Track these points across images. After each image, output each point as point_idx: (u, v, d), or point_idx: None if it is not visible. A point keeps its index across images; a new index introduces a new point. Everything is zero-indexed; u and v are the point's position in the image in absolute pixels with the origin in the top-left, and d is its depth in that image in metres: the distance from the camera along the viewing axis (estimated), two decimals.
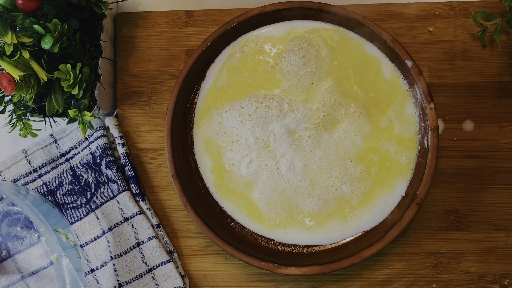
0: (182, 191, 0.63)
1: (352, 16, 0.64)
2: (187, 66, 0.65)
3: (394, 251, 0.66)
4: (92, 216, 0.68)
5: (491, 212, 0.66)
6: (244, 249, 0.63)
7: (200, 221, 0.63)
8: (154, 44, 0.70)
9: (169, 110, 0.64)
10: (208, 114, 0.67)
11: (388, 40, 0.63)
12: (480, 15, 0.66)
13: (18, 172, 0.69)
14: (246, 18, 0.65)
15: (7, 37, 0.54)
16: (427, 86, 0.62)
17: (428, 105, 0.61)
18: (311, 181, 0.64)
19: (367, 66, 0.65)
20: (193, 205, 0.63)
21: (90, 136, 0.69)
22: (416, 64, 0.62)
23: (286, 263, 0.62)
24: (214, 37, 0.65)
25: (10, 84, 0.56)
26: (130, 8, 0.72)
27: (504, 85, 0.67)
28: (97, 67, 0.64)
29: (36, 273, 0.67)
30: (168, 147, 0.64)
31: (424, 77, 0.62)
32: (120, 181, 0.67)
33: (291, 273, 0.61)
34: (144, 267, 0.66)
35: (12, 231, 0.68)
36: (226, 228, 0.65)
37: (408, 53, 0.62)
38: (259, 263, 0.61)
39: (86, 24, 0.65)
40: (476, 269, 0.65)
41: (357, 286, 0.66)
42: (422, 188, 0.61)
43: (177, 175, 0.64)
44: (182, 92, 0.65)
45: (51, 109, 0.61)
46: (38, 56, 0.60)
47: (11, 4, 0.55)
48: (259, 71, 0.66)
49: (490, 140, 0.66)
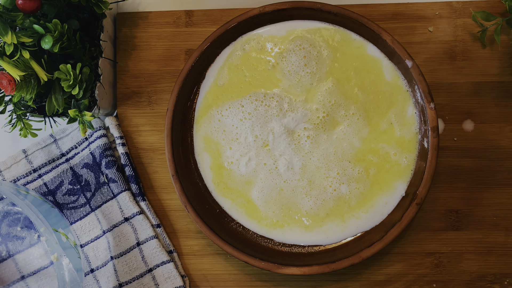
0: (182, 191, 0.63)
1: (352, 16, 0.64)
2: (187, 66, 0.65)
3: (394, 251, 0.66)
4: (92, 216, 0.68)
5: (491, 212, 0.66)
6: (244, 249, 0.63)
7: (200, 221, 0.63)
8: (154, 44, 0.70)
9: (169, 110, 0.64)
10: (208, 112, 0.67)
11: (388, 40, 0.63)
12: (480, 15, 0.66)
13: (18, 172, 0.69)
14: (246, 18, 0.65)
15: (7, 37, 0.54)
16: (427, 86, 0.62)
17: (428, 105, 0.61)
18: (309, 180, 0.64)
19: (368, 68, 0.65)
20: (193, 205, 0.63)
21: (90, 136, 0.69)
22: (416, 64, 0.62)
23: (286, 263, 0.62)
24: (214, 37, 0.65)
25: (10, 84, 0.56)
26: (130, 8, 0.72)
27: (504, 85, 0.67)
28: (97, 67, 0.64)
29: (36, 273, 0.67)
30: (168, 147, 0.64)
31: (424, 77, 0.62)
32: (120, 181, 0.67)
33: (291, 273, 0.61)
34: (144, 267, 0.66)
35: (12, 231, 0.68)
36: (226, 228, 0.65)
37: (408, 53, 0.62)
38: (259, 263, 0.61)
39: (86, 24, 0.65)
40: (476, 269, 0.65)
41: (357, 286, 0.66)
42: (422, 188, 0.61)
43: (177, 175, 0.64)
44: (182, 92, 0.65)
45: (51, 109, 0.61)
46: (38, 56, 0.60)
47: (11, 4, 0.55)
48: (260, 69, 0.66)
49: (490, 140, 0.66)
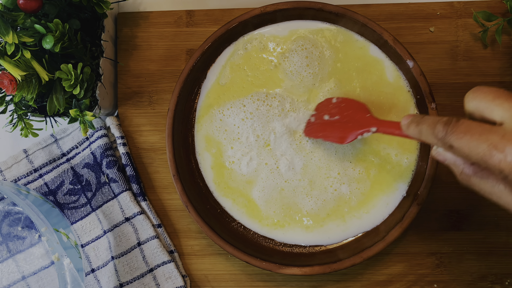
0: (183, 191, 0.63)
1: (353, 16, 0.64)
2: (188, 66, 0.65)
3: (395, 251, 0.66)
4: (93, 216, 0.67)
5: (492, 212, 0.66)
6: (246, 249, 0.63)
7: (201, 221, 0.62)
8: (155, 44, 0.70)
9: (170, 110, 0.64)
10: (209, 112, 0.67)
11: (389, 40, 0.63)
12: (482, 15, 0.66)
13: (19, 172, 0.69)
14: (247, 18, 0.65)
15: (9, 37, 0.54)
16: (428, 86, 0.62)
17: (429, 106, 0.61)
18: (310, 181, 0.64)
19: (370, 69, 0.65)
20: (194, 205, 0.63)
21: (91, 136, 0.69)
22: (417, 64, 0.62)
23: (287, 263, 0.62)
24: (215, 36, 0.65)
25: (12, 84, 0.56)
26: (131, 8, 0.72)
27: (505, 85, 0.67)
28: (98, 67, 0.64)
29: (37, 273, 0.67)
30: (169, 147, 0.64)
31: (425, 77, 0.62)
32: (121, 181, 0.67)
33: (292, 273, 0.61)
34: (145, 267, 0.66)
35: (13, 231, 0.68)
36: (227, 228, 0.65)
37: (409, 53, 0.62)
38: (260, 263, 0.61)
39: (87, 24, 0.65)
40: (477, 269, 0.65)
41: (358, 286, 0.66)
42: (423, 189, 0.61)
43: (178, 175, 0.63)
44: (183, 91, 0.65)
45: (52, 109, 0.61)
46: (39, 56, 0.60)
47: (12, 4, 0.55)
48: (262, 69, 0.66)
49: None
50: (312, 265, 0.61)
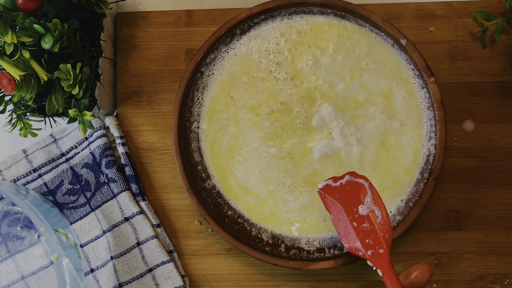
0: (199, 205, 0.63)
1: (337, 4, 0.63)
2: (191, 66, 0.64)
3: (395, 251, 0.66)
4: (92, 216, 0.67)
5: (492, 212, 0.66)
6: (272, 251, 0.63)
7: (223, 231, 0.62)
8: (154, 44, 0.70)
9: (174, 126, 0.64)
10: (214, 118, 0.66)
11: (378, 21, 0.62)
12: (481, 15, 0.66)
13: (18, 172, 0.69)
14: (247, 16, 0.64)
15: (7, 36, 0.54)
16: (425, 61, 0.61)
17: (429, 80, 0.61)
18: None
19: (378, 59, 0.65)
20: (212, 216, 0.63)
21: (90, 136, 0.69)
22: (410, 41, 0.62)
23: (314, 259, 0.62)
24: (216, 36, 0.65)
25: (10, 84, 0.56)
26: (130, 8, 0.72)
27: (504, 85, 0.67)
28: (97, 67, 0.64)
29: (36, 273, 0.67)
30: (178, 162, 0.63)
31: (420, 53, 0.62)
32: (120, 181, 0.67)
33: (321, 268, 0.61)
34: (144, 267, 0.66)
35: (12, 231, 0.68)
36: (247, 235, 0.64)
37: (400, 32, 0.62)
38: (287, 263, 0.61)
39: (86, 23, 0.65)
40: (477, 269, 0.65)
41: (358, 286, 0.66)
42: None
43: (192, 189, 0.63)
44: (184, 98, 0.65)
45: (51, 108, 0.61)
46: (38, 55, 0.59)
47: (11, 4, 0.55)
48: (265, 70, 0.66)
49: (490, 140, 0.66)
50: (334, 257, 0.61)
